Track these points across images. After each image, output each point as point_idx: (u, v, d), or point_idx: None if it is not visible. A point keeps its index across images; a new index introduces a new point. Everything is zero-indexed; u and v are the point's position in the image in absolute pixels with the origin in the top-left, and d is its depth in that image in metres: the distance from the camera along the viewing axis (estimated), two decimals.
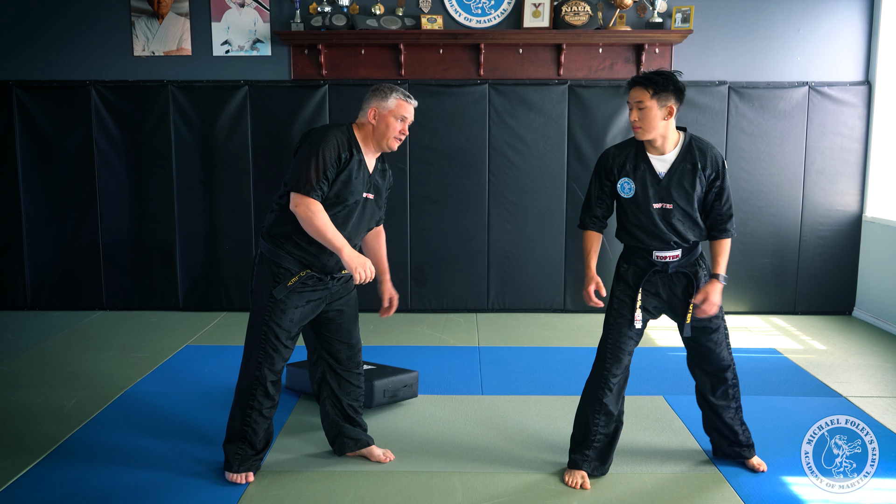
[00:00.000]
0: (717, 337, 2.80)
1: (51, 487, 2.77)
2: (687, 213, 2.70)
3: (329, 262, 2.75)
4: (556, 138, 5.26)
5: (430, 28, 5.10)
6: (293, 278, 2.71)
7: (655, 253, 2.74)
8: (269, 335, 2.74)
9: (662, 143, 2.68)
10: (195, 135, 5.29)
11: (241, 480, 2.80)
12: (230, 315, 5.33)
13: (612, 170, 2.75)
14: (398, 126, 2.72)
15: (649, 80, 2.62)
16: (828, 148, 5.26)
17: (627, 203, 2.74)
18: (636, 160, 2.72)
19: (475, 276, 5.39)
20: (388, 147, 2.74)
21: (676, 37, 5.08)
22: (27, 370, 4.10)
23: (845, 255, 5.36)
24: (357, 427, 3.01)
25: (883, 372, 4.15)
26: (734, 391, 2.90)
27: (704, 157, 2.68)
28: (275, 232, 2.75)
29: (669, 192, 2.68)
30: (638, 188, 2.70)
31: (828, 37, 5.23)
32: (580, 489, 2.78)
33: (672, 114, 2.64)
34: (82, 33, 5.28)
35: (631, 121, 2.67)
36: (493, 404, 3.62)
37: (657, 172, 2.69)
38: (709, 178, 2.69)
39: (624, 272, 2.83)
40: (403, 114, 2.72)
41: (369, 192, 2.77)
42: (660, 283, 2.78)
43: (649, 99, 2.61)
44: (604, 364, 2.81)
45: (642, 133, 2.66)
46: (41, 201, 5.36)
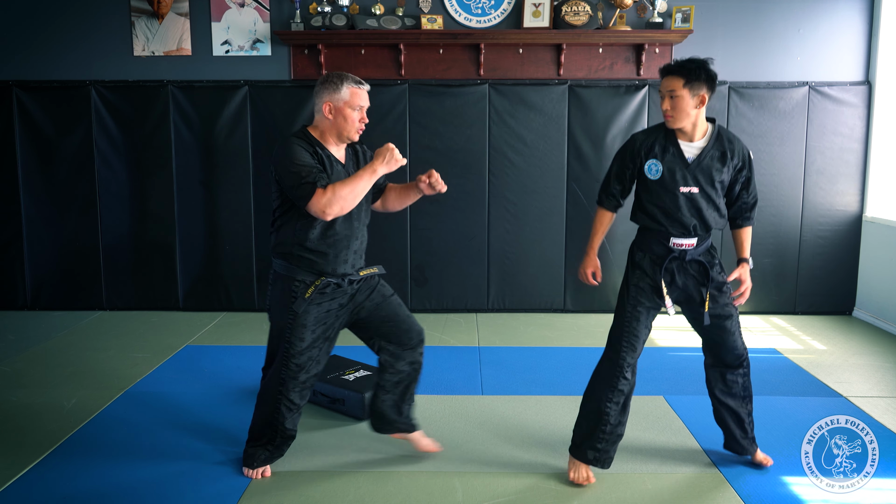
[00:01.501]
0: (731, 324, 2.82)
1: (51, 487, 2.77)
2: (711, 199, 2.73)
3: (339, 265, 2.72)
4: (556, 138, 5.26)
5: (430, 28, 5.10)
6: (310, 289, 2.69)
7: (673, 239, 2.75)
8: (292, 351, 2.72)
9: (692, 130, 2.71)
10: (195, 135, 5.29)
11: (258, 475, 2.83)
12: (230, 315, 5.33)
13: (640, 152, 2.76)
14: (356, 116, 2.68)
15: (682, 68, 2.65)
16: (828, 148, 5.26)
17: (653, 185, 2.75)
18: (665, 143, 2.74)
19: (475, 276, 5.39)
20: (350, 139, 2.72)
21: (676, 37, 5.08)
22: (27, 370, 4.10)
23: (845, 255, 5.36)
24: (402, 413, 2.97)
25: (883, 372, 4.15)
26: (745, 381, 2.91)
27: (733, 147, 2.73)
28: (281, 249, 2.74)
29: (697, 176, 2.71)
30: (665, 171, 2.72)
31: (828, 37, 5.23)
32: (585, 483, 2.78)
33: (704, 102, 2.67)
34: (82, 33, 5.28)
35: (663, 109, 2.70)
36: (493, 404, 3.62)
37: (686, 157, 2.72)
38: (736, 167, 2.74)
39: (640, 260, 2.82)
40: (359, 103, 2.68)
41: None
42: (676, 272, 2.79)
43: (682, 87, 2.64)
44: (619, 353, 2.78)
45: (673, 121, 2.69)
46: (41, 201, 5.36)
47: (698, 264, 2.79)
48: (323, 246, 2.69)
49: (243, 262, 5.38)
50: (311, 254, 2.69)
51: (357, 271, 2.79)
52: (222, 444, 3.14)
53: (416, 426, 3.03)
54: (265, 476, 2.85)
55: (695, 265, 2.79)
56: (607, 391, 2.81)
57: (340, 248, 2.72)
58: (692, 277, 2.79)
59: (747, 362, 2.91)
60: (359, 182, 2.58)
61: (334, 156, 2.73)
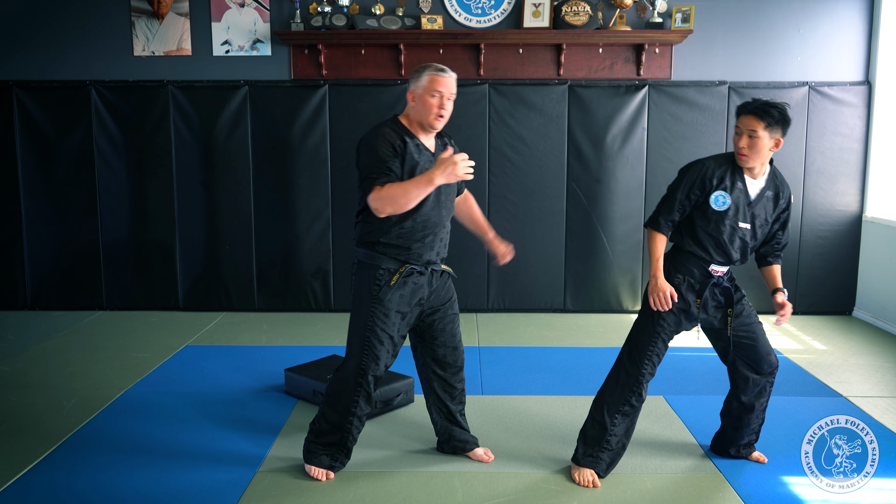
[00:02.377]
0: (759, 330, 2.89)
1: (51, 487, 2.77)
2: (756, 236, 2.79)
3: (426, 252, 2.73)
4: (556, 138, 5.26)
5: (430, 28, 5.10)
6: (395, 276, 2.69)
7: (712, 266, 2.79)
8: (374, 339, 2.72)
9: (759, 169, 2.74)
10: (195, 135, 5.29)
11: (323, 477, 2.82)
12: (230, 315, 5.33)
13: (711, 181, 2.73)
14: (435, 102, 2.67)
15: (766, 113, 2.63)
16: (828, 148, 5.26)
17: (715, 216, 2.73)
18: (734, 177, 2.74)
19: (475, 276, 5.39)
20: (431, 126, 2.69)
21: (676, 37, 5.08)
22: (27, 370, 4.10)
23: (845, 255, 5.36)
24: (463, 430, 3.02)
25: (883, 372, 4.15)
26: (769, 390, 2.94)
27: (783, 189, 2.79)
28: (366, 239, 2.74)
29: (754, 214, 2.75)
30: (732, 204, 2.73)
31: (828, 37, 5.23)
32: (591, 487, 2.79)
33: (779, 146, 2.69)
34: (82, 33, 5.28)
35: (738, 146, 2.67)
36: (494, 404, 3.62)
37: (750, 195, 2.75)
38: (780, 207, 2.80)
39: (678, 283, 2.81)
40: (436, 88, 2.66)
41: None
42: (709, 298, 2.82)
43: (762, 130, 2.63)
44: (640, 369, 2.81)
45: (748, 160, 2.69)
46: (41, 201, 5.36)
47: (724, 290, 2.84)
48: (410, 234, 2.69)
49: (243, 262, 5.38)
50: (398, 241, 2.69)
51: (440, 261, 2.80)
52: (222, 443, 3.14)
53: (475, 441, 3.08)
54: (329, 479, 2.83)
55: (721, 289, 2.84)
56: (619, 403, 2.84)
57: (427, 235, 2.72)
58: (717, 302, 2.84)
59: (777, 370, 2.93)
60: (412, 187, 2.55)
61: (424, 144, 2.72)
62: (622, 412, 2.83)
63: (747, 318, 2.86)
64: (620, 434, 2.86)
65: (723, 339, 2.88)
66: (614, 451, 2.86)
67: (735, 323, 2.83)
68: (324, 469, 2.84)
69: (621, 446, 2.87)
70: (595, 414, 2.89)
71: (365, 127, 2.84)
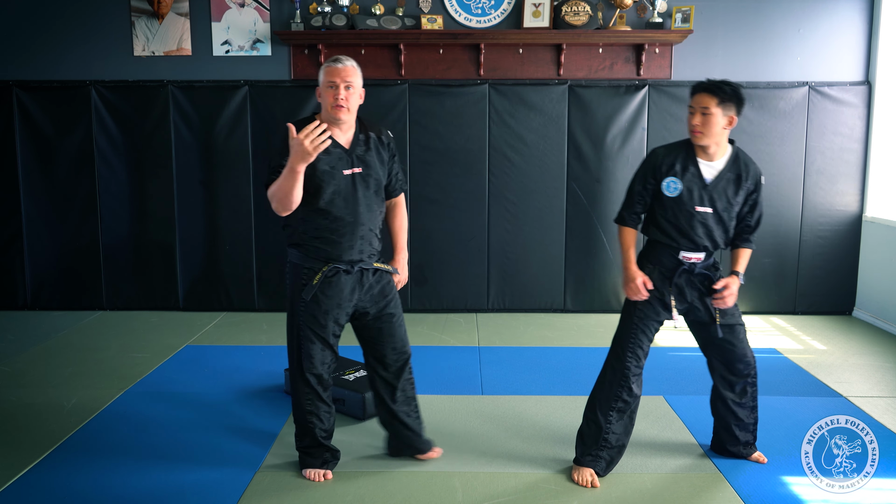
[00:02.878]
0: (740, 332, 2.87)
1: (51, 487, 2.77)
2: (723, 219, 2.76)
3: (346, 251, 2.73)
4: (556, 138, 5.26)
5: (430, 28, 5.10)
6: (317, 275, 2.71)
7: (682, 253, 2.78)
8: (304, 339, 2.75)
9: (714, 150, 2.74)
10: (195, 135, 5.29)
11: (319, 478, 2.83)
12: (230, 315, 5.33)
13: (660, 168, 2.78)
14: (332, 93, 2.69)
15: (718, 89, 2.67)
16: (828, 148, 5.26)
17: (670, 202, 2.77)
18: (685, 162, 2.76)
19: (475, 276, 5.39)
20: (334, 116, 2.71)
21: (676, 37, 5.08)
22: (27, 370, 4.10)
23: (845, 255, 5.36)
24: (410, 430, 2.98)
25: (883, 372, 4.15)
26: (753, 390, 2.94)
27: (748, 170, 2.77)
28: (293, 239, 2.77)
29: (713, 197, 2.74)
30: (684, 189, 2.74)
31: (828, 37, 5.23)
32: (590, 487, 2.79)
33: (732, 124, 2.71)
34: (82, 33, 5.28)
35: (692, 124, 2.71)
36: (493, 404, 3.62)
37: (704, 177, 2.74)
38: (748, 190, 2.77)
39: (649, 272, 2.84)
40: (330, 79, 2.69)
41: (354, 166, 2.73)
42: (684, 285, 2.82)
43: (715, 106, 2.66)
44: (623, 362, 2.82)
45: (701, 138, 2.71)
46: (41, 201, 5.36)
47: (704, 277, 2.82)
48: (327, 233, 2.70)
49: (243, 262, 5.38)
50: (318, 241, 2.71)
51: (368, 258, 2.78)
52: (222, 443, 3.14)
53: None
54: (327, 478, 2.84)
55: (700, 278, 2.83)
56: (611, 400, 2.84)
57: (344, 234, 2.72)
58: (698, 291, 2.83)
59: (755, 371, 2.93)
60: (282, 180, 2.56)
61: (335, 140, 2.73)
62: (615, 408, 2.84)
63: (730, 317, 2.84)
64: (619, 432, 2.86)
65: (705, 331, 2.87)
66: (613, 448, 2.86)
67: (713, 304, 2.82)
68: (316, 469, 2.85)
69: (620, 444, 2.87)
70: (589, 414, 2.90)
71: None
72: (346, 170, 2.71)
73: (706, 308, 2.83)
